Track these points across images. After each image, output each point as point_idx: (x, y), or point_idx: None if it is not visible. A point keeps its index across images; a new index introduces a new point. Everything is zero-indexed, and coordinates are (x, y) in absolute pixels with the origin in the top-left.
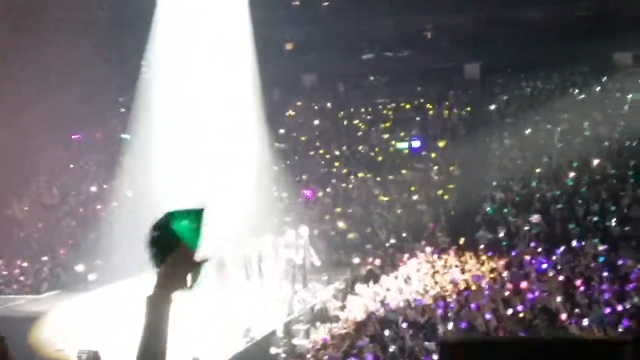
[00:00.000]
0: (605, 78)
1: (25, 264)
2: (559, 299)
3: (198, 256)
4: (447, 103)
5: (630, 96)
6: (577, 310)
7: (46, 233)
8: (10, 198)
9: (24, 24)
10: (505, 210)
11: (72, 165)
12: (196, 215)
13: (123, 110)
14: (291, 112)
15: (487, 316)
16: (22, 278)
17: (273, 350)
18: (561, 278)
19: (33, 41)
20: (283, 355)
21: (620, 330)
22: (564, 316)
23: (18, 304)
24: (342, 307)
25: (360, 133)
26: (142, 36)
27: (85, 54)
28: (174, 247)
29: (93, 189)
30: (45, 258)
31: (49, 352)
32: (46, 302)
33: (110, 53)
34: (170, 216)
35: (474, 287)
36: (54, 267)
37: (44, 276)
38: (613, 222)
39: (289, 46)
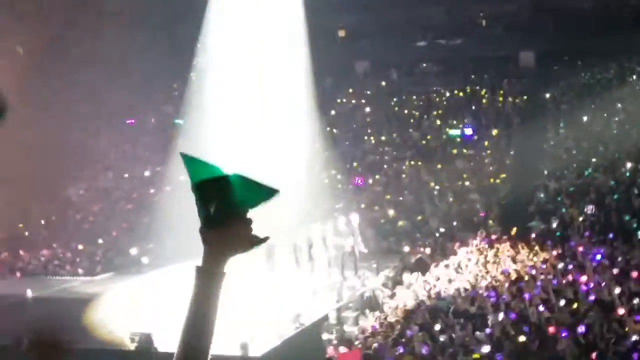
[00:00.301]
0: None
1: (80, 247)
2: (615, 291)
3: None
4: (501, 91)
5: None
6: (635, 301)
7: (101, 216)
8: (66, 182)
9: (79, 17)
10: (559, 199)
11: (126, 150)
12: (268, 193)
13: (176, 94)
14: (343, 99)
15: (540, 307)
16: (77, 260)
17: (323, 336)
18: (616, 270)
19: (89, 33)
20: (332, 342)
21: None
22: (621, 310)
23: (72, 285)
24: (392, 296)
25: (412, 120)
26: (196, 25)
27: (139, 44)
28: (235, 213)
29: (147, 173)
30: (100, 241)
31: (103, 333)
32: (100, 284)
33: (163, 42)
34: (239, 180)
35: (526, 278)
36: (108, 250)
37: (98, 259)
38: None
39: (341, 33)
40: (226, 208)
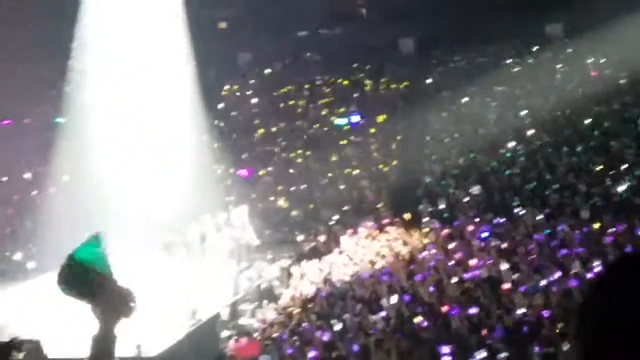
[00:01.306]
0: (536, 49)
1: None
2: (502, 267)
3: (120, 282)
4: (383, 79)
5: (560, 66)
6: (517, 276)
7: None
8: None
9: None
10: (444, 182)
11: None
12: (95, 240)
13: (54, 92)
14: (227, 91)
15: (431, 288)
16: None
17: (220, 331)
18: (503, 247)
19: None
20: (230, 336)
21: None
22: (506, 285)
23: None
24: (288, 285)
25: (299, 110)
26: (69, 20)
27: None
28: (93, 278)
29: (27, 175)
30: None
31: None
32: None
33: (38, 40)
34: (73, 254)
35: (417, 260)
36: None
37: None
38: (550, 190)
39: (222, 25)
40: (82, 283)
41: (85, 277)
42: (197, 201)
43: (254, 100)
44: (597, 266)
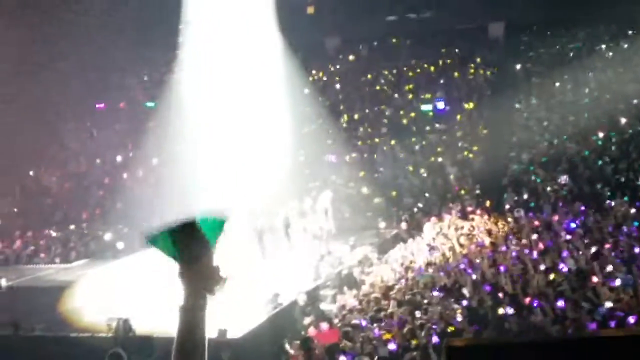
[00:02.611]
0: (631, 33)
1: (54, 233)
2: (590, 259)
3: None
4: (471, 64)
5: None
6: (608, 269)
7: (74, 202)
8: (37, 168)
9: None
10: (531, 169)
11: (96, 134)
12: (219, 221)
13: (146, 78)
14: (314, 77)
15: (515, 279)
16: (51, 247)
17: (300, 316)
18: (590, 239)
19: (57, 16)
20: (309, 321)
21: None
22: (595, 278)
23: (47, 273)
24: (369, 272)
25: (384, 96)
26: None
27: (110, 32)
28: (206, 249)
29: (119, 158)
30: (72, 227)
31: (80, 320)
32: (75, 271)
33: (136, 30)
34: (196, 221)
35: (501, 249)
36: (82, 236)
37: (73, 245)
38: None
39: (310, 10)
40: (194, 247)
41: (200, 246)
42: (283, 186)
43: (338, 86)
44: None
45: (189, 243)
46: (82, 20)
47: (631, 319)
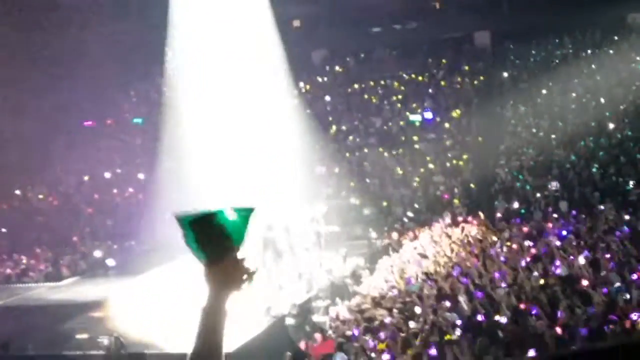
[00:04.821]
0: (616, 39)
1: (43, 252)
2: (581, 263)
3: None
4: (458, 73)
5: None
6: (601, 274)
7: (64, 220)
8: (25, 186)
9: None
10: (521, 177)
11: (84, 152)
12: (246, 213)
13: (132, 93)
14: (301, 89)
15: (503, 285)
16: (42, 267)
17: (292, 328)
18: (582, 244)
19: (45, 34)
20: (304, 333)
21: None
22: (585, 282)
23: (37, 292)
24: (361, 283)
25: (372, 106)
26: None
27: (95, 46)
28: (226, 247)
29: (107, 174)
30: (62, 245)
31: (71, 339)
32: (66, 289)
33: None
34: (218, 212)
35: (493, 257)
36: (73, 254)
37: (63, 263)
38: (631, 184)
39: (296, 23)
40: (213, 246)
41: (220, 244)
42: (276, 198)
43: (328, 98)
44: None
45: (209, 242)
46: (71, 34)
47: (627, 323)
